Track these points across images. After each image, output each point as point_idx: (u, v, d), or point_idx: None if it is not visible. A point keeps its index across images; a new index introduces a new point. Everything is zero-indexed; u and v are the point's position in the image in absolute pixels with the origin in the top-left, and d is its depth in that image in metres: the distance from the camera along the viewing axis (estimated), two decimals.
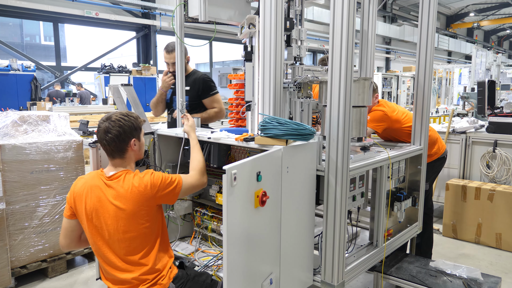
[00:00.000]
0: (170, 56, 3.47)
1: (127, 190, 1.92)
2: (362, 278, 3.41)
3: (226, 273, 1.63)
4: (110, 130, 1.96)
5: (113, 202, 1.92)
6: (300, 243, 2.17)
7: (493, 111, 4.99)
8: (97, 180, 1.99)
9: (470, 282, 2.62)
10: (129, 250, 1.94)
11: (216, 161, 2.55)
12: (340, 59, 2.05)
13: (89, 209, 1.95)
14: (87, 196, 1.96)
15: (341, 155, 2.10)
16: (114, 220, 1.92)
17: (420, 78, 3.00)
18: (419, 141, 3.02)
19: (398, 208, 2.86)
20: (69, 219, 2.04)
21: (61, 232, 2.07)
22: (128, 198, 1.91)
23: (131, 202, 1.91)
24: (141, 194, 1.92)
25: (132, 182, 1.93)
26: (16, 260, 3.19)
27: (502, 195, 4.11)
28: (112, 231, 1.93)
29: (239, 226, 1.70)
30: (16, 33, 11.66)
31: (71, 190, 2.03)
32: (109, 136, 1.96)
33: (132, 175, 1.97)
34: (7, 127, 3.31)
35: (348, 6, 2.00)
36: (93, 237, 1.98)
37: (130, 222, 1.92)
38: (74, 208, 2.00)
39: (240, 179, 1.65)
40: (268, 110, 2.27)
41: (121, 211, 1.92)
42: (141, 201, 1.92)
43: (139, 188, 1.92)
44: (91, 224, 1.96)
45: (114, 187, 1.94)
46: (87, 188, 1.97)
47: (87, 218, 1.96)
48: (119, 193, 1.93)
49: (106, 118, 2.01)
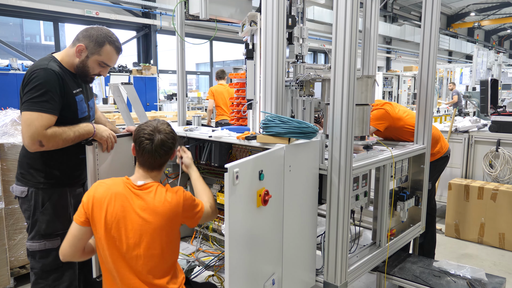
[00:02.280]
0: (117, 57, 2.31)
1: (159, 203, 1.80)
2: (364, 278, 3.38)
3: (228, 273, 1.61)
4: (166, 143, 1.88)
5: (140, 214, 1.79)
6: (303, 243, 2.14)
7: (496, 110, 4.96)
8: (123, 187, 1.85)
9: (474, 282, 2.59)
10: (147, 268, 1.81)
11: (218, 160, 2.52)
12: (344, 57, 2.02)
13: (109, 218, 1.79)
14: (110, 203, 1.80)
15: (344, 153, 2.07)
16: (137, 233, 1.78)
17: (423, 77, 2.98)
18: (422, 140, 3.00)
19: (401, 207, 2.83)
20: (82, 225, 1.84)
21: (67, 240, 1.86)
22: (158, 212, 1.79)
23: (160, 217, 1.79)
24: (172, 210, 1.81)
25: (165, 196, 1.83)
26: (15, 260, 3.17)
27: (505, 194, 4.08)
28: (131, 245, 1.79)
29: (241, 225, 1.68)
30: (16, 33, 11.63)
31: (89, 195, 1.86)
32: (164, 149, 1.88)
33: (164, 189, 1.86)
34: (7, 126, 3.29)
35: (351, 4, 1.98)
36: (108, 249, 1.81)
37: (153, 238, 1.79)
38: (91, 214, 1.83)
39: (242, 177, 1.62)
40: (270, 108, 2.25)
41: (147, 225, 1.78)
42: (170, 217, 1.81)
43: (172, 203, 1.81)
44: (108, 234, 1.80)
45: (144, 198, 1.81)
46: (110, 195, 1.82)
47: (105, 228, 1.79)
48: (149, 205, 1.80)
49: (157, 130, 1.88)
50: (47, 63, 2.08)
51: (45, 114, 1.97)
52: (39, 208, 2.17)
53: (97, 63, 2.20)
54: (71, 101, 2.14)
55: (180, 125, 3.02)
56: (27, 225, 2.23)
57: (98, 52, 2.17)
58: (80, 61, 2.17)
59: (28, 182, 2.17)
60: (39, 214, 2.17)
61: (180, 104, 3.04)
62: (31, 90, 1.98)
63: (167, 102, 11.71)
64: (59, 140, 2.02)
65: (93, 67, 2.20)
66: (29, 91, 1.98)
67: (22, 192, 2.17)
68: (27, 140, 1.96)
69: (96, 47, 2.16)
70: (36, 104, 1.96)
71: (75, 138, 2.09)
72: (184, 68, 3.02)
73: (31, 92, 1.98)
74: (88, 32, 2.17)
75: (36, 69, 2.02)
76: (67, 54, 2.18)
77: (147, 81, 11.21)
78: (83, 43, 2.14)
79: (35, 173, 2.16)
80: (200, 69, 16.70)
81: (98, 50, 2.16)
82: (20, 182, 2.19)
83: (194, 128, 2.60)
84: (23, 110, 1.98)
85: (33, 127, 1.94)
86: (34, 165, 2.16)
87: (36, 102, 1.96)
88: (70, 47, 2.19)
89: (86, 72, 2.20)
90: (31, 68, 2.03)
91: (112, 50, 2.20)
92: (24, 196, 2.17)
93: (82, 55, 2.16)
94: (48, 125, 1.98)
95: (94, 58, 2.17)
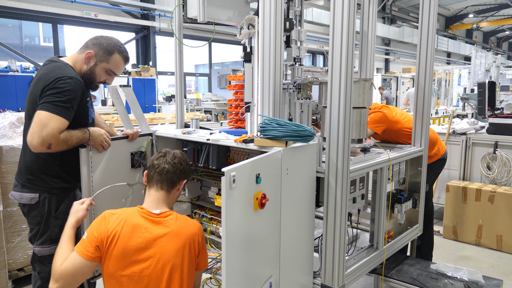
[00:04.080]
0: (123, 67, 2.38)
1: (181, 226, 1.86)
2: (362, 281, 3.38)
3: (225, 276, 1.61)
4: (178, 156, 2.00)
5: (161, 241, 1.79)
6: (300, 245, 2.15)
7: (494, 112, 4.98)
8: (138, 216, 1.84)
9: (472, 284, 2.59)
10: None
11: (215, 163, 2.53)
12: (340, 60, 2.03)
13: (130, 250, 1.75)
14: (126, 234, 1.77)
15: (341, 156, 2.08)
16: (160, 261, 1.76)
17: (420, 79, 2.99)
18: (419, 142, 3.01)
19: (399, 210, 2.84)
20: (91, 261, 1.75)
21: (70, 277, 1.73)
22: (181, 234, 1.84)
23: (184, 237, 1.83)
24: (193, 231, 1.89)
25: (187, 219, 1.93)
26: (14, 263, 3.17)
27: (503, 196, 4.09)
28: (156, 273, 1.76)
29: (238, 229, 1.68)
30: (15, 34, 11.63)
31: (101, 228, 1.77)
32: (175, 161, 1.97)
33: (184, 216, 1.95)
34: (5, 129, 3.29)
35: (348, 6, 1.99)
36: (127, 282, 1.76)
37: (176, 263, 1.79)
38: (106, 250, 1.75)
39: (239, 181, 1.63)
40: (267, 111, 2.26)
41: (169, 249, 1.79)
42: (190, 238, 1.86)
43: (194, 224, 1.92)
44: (130, 265, 1.75)
45: (165, 224, 1.84)
46: (128, 227, 1.78)
47: (125, 260, 1.74)
48: (172, 229, 1.83)
49: (169, 151, 2.00)
50: (70, 71, 2.12)
51: (63, 119, 2.00)
52: (52, 213, 2.17)
53: (104, 70, 2.25)
54: (85, 108, 2.20)
55: (178, 127, 3.02)
56: (32, 231, 2.21)
57: (107, 60, 2.22)
58: (88, 68, 2.21)
59: (39, 188, 2.16)
60: (52, 219, 2.17)
61: (178, 107, 3.05)
62: (56, 94, 1.99)
63: (166, 103, 11.72)
64: (64, 145, 2.04)
65: (100, 75, 2.25)
66: (53, 94, 1.99)
67: (32, 199, 2.16)
68: (37, 139, 1.93)
69: (105, 55, 2.21)
70: (58, 108, 1.98)
71: (75, 143, 2.12)
72: (182, 71, 3.02)
73: (55, 95, 1.99)
74: (98, 40, 2.22)
75: (63, 75, 2.04)
76: (76, 61, 2.22)
77: (146, 82, 11.21)
78: (92, 50, 2.19)
79: (48, 178, 2.16)
80: (199, 70, 16.70)
81: (107, 58, 2.22)
82: (28, 188, 2.17)
83: (192, 131, 2.61)
84: (41, 109, 1.97)
85: (49, 128, 1.94)
86: (47, 170, 2.16)
87: (59, 106, 1.98)
88: (78, 53, 2.23)
89: (93, 79, 2.25)
90: (57, 74, 2.03)
91: (120, 59, 2.27)
92: (34, 203, 2.16)
93: (90, 62, 2.21)
94: (62, 129, 2.00)
95: (102, 65, 2.22)
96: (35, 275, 2.24)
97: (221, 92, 12.72)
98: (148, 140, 2.65)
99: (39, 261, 2.20)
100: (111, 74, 2.28)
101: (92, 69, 2.21)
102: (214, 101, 11.70)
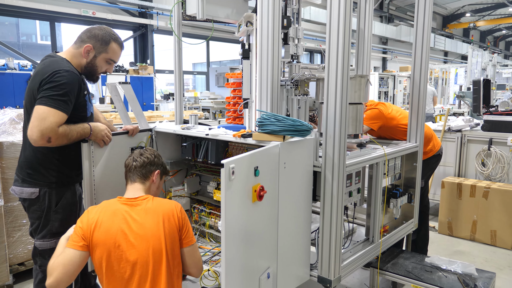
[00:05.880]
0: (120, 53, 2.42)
1: (158, 204, 1.94)
2: (359, 274, 3.44)
3: (224, 266, 1.65)
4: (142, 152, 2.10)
5: (139, 221, 1.86)
6: (297, 238, 2.20)
7: (488, 110, 5.04)
8: (117, 203, 1.93)
9: (465, 277, 2.65)
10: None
11: (214, 158, 2.57)
12: (337, 56, 2.07)
13: (112, 235, 1.81)
14: (108, 221, 1.84)
15: (337, 151, 2.13)
16: (143, 241, 1.82)
17: (415, 77, 3.04)
18: (414, 138, 3.06)
19: (394, 204, 2.89)
20: (82, 250, 1.80)
21: (61, 268, 1.75)
22: (158, 211, 1.92)
23: (161, 216, 1.90)
24: (170, 207, 1.96)
25: (164, 200, 2.02)
26: (14, 257, 3.20)
27: (497, 192, 4.15)
28: (142, 258, 1.82)
29: (237, 220, 1.73)
30: (12, 32, 11.61)
31: (83, 219, 1.86)
32: (138, 155, 2.08)
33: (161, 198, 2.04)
34: (5, 125, 3.32)
35: (344, 4, 2.03)
36: (115, 264, 1.81)
37: (160, 241, 1.84)
38: (91, 238, 1.81)
39: (238, 173, 1.67)
40: (265, 107, 2.30)
41: (150, 229, 1.86)
42: (169, 216, 1.92)
43: (171, 202, 2.00)
44: (115, 250, 1.81)
45: (142, 204, 1.92)
46: (107, 214, 1.86)
47: (110, 245, 1.80)
48: (149, 208, 1.92)
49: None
50: (68, 65, 2.15)
51: (61, 112, 2.03)
52: (53, 207, 2.21)
53: (104, 61, 2.31)
54: (82, 101, 2.24)
55: (177, 123, 3.06)
56: (32, 225, 2.25)
57: (105, 50, 2.27)
58: (88, 61, 2.26)
59: (39, 182, 2.19)
60: (53, 213, 2.21)
61: (177, 104, 3.09)
62: (53, 87, 2.03)
63: (164, 102, 11.73)
64: (64, 139, 2.08)
65: (101, 66, 2.31)
66: (50, 88, 2.03)
67: (32, 193, 2.20)
68: (36, 133, 1.97)
69: (103, 45, 2.26)
70: (56, 102, 2.02)
71: (76, 138, 2.15)
72: (181, 68, 3.06)
73: (52, 89, 2.03)
74: (91, 32, 2.25)
75: (60, 69, 2.07)
76: (74, 56, 2.25)
77: (144, 81, 11.22)
78: (89, 44, 2.23)
79: (47, 172, 2.20)
80: (196, 69, 16.71)
81: (105, 48, 2.27)
82: (28, 183, 2.20)
83: (191, 126, 2.65)
84: (40, 104, 2.01)
85: (48, 122, 1.98)
86: (47, 164, 2.19)
87: (56, 100, 2.02)
88: (74, 48, 2.25)
89: (95, 71, 2.30)
90: (53, 67, 2.07)
91: (117, 47, 2.32)
92: (35, 197, 2.20)
93: (89, 55, 2.25)
94: (61, 123, 2.04)
95: (102, 56, 2.28)
96: (36, 269, 2.28)
97: (218, 90, 12.74)
98: (148, 136, 2.69)
99: (40, 254, 2.24)
100: (111, 63, 2.34)
101: (93, 61, 2.27)
102: (212, 99, 11.73)
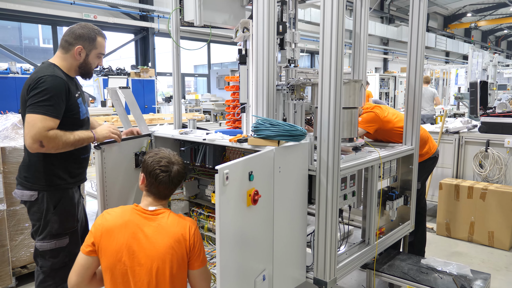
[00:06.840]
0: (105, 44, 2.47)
1: (172, 225, 1.86)
2: (356, 276, 3.47)
3: (219, 269, 1.70)
4: (182, 173, 1.96)
5: (151, 238, 1.82)
6: (293, 241, 2.24)
7: (485, 112, 5.06)
8: (132, 214, 1.88)
9: (460, 278, 2.68)
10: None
11: (212, 162, 2.62)
12: (330, 62, 2.12)
13: (120, 246, 1.81)
14: (120, 231, 1.83)
15: (332, 155, 2.17)
16: (149, 258, 1.80)
17: (410, 79, 3.08)
18: (410, 141, 3.09)
19: (390, 207, 2.93)
20: (88, 255, 1.85)
21: (74, 269, 1.87)
22: (170, 232, 1.85)
23: (172, 238, 1.83)
24: (183, 231, 1.86)
25: (179, 219, 1.91)
26: (17, 260, 3.26)
27: (494, 194, 4.18)
28: (144, 271, 1.80)
29: (232, 224, 1.77)
30: (15, 36, 11.71)
31: (97, 224, 1.88)
32: (179, 179, 1.95)
33: (177, 215, 1.93)
34: (7, 130, 3.37)
35: (337, 9, 2.07)
36: (118, 277, 1.83)
37: (164, 262, 1.81)
38: (99, 244, 1.84)
39: (233, 178, 1.71)
40: (261, 112, 2.34)
41: (158, 248, 1.81)
42: (180, 240, 1.85)
43: (185, 225, 1.89)
44: (119, 262, 1.82)
45: (157, 221, 1.87)
46: (120, 223, 1.85)
47: (115, 256, 1.82)
48: (163, 226, 1.85)
49: (171, 162, 1.93)
50: (52, 70, 2.21)
51: (49, 117, 2.09)
52: (51, 210, 2.26)
53: (96, 56, 2.39)
54: (74, 104, 2.28)
55: (176, 128, 3.11)
56: (33, 227, 2.31)
57: (94, 46, 2.36)
58: (82, 62, 2.34)
59: (35, 185, 2.25)
60: (51, 215, 2.26)
61: (176, 108, 3.13)
62: (37, 94, 2.09)
63: (165, 104, 11.81)
64: (59, 142, 2.11)
65: (93, 62, 2.40)
66: (35, 95, 2.09)
67: (32, 196, 2.25)
68: (28, 140, 2.05)
69: (91, 43, 2.34)
70: (42, 108, 2.07)
71: (75, 141, 2.19)
72: (179, 73, 3.10)
73: (37, 96, 2.08)
74: (76, 33, 2.31)
75: (43, 75, 2.13)
76: (63, 59, 2.32)
77: (145, 83, 11.30)
78: (79, 45, 2.30)
79: (42, 176, 2.25)
80: (198, 71, 16.78)
81: (94, 44, 2.35)
82: (26, 186, 2.27)
83: (189, 131, 2.70)
84: (28, 113, 2.08)
85: (36, 127, 2.04)
86: (41, 168, 2.25)
87: (42, 106, 2.07)
88: (62, 53, 2.32)
89: (89, 68, 2.39)
90: (38, 74, 2.14)
91: (102, 40, 2.42)
92: (34, 200, 2.26)
93: (82, 56, 2.33)
94: (51, 127, 2.08)
95: (93, 53, 2.36)
96: (37, 270, 2.34)
97: (220, 92, 12.80)
98: (148, 141, 2.74)
99: (40, 255, 2.30)
100: (100, 56, 2.43)
101: (86, 60, 2.34)
102: (213, 102, 11.79)
